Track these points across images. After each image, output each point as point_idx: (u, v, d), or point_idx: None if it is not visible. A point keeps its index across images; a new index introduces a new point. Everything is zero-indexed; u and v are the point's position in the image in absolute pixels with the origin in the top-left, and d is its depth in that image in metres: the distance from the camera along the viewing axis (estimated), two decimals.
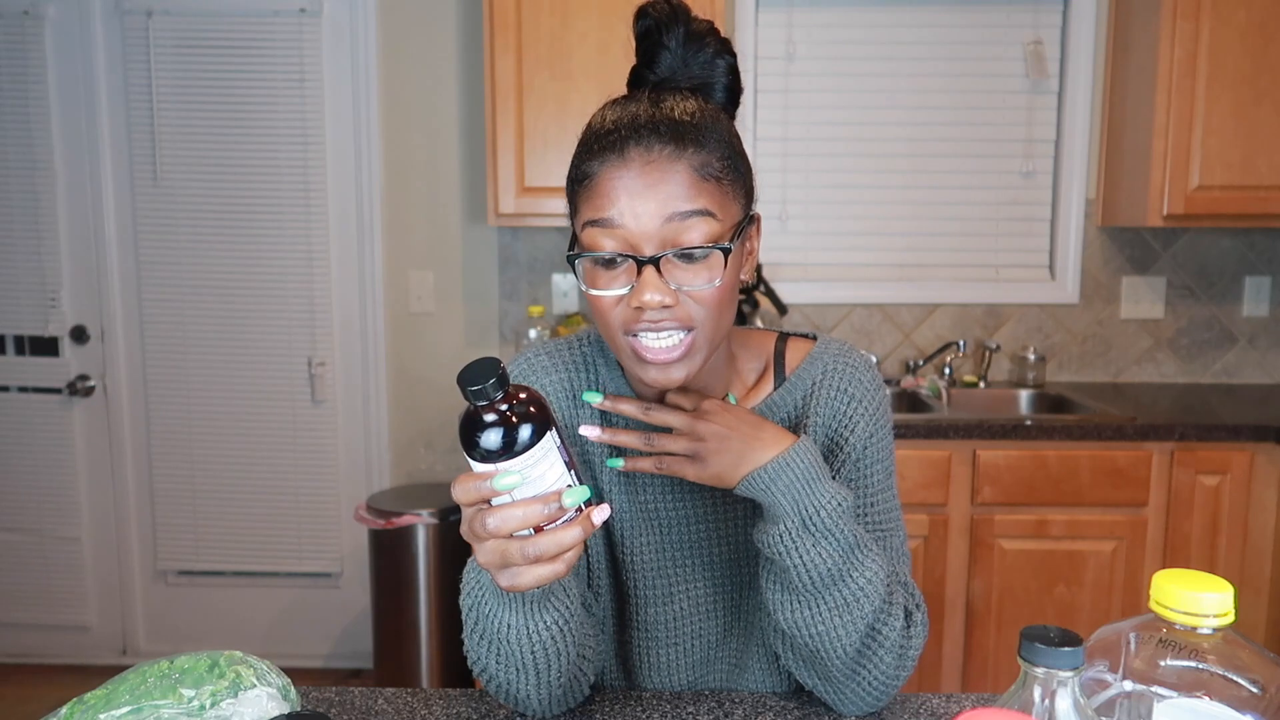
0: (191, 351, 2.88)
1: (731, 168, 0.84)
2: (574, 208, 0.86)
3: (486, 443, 0.67)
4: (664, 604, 0.99)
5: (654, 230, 0.81)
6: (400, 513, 2.50)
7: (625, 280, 0.82)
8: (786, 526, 0.82)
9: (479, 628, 0.83)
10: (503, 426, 0.67)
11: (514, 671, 0.83)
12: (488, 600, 0.81)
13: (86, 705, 0.76)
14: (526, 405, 0.68)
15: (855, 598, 0.84)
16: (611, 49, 2.42)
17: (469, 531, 0.73)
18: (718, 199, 0.83)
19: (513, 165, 2.46)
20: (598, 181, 0.82)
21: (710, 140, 0.83)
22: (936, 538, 2.26)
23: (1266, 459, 2.25)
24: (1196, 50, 2.36)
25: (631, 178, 0.81)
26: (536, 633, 0.81)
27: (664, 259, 0.81)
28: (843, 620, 0.84)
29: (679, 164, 0.81)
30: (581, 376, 0.98)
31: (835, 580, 0.83)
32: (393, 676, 2.61)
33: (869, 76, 2.76)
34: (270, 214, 2.82)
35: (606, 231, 0.82)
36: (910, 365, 2.78)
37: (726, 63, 0.90)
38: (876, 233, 2.83)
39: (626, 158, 0.81)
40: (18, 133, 2.80)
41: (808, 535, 0.82)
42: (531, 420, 0.67)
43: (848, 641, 0.85)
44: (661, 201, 0.80)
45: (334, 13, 2.76)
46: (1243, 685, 0.61)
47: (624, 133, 0.82)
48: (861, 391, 0.96)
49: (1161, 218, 2.44)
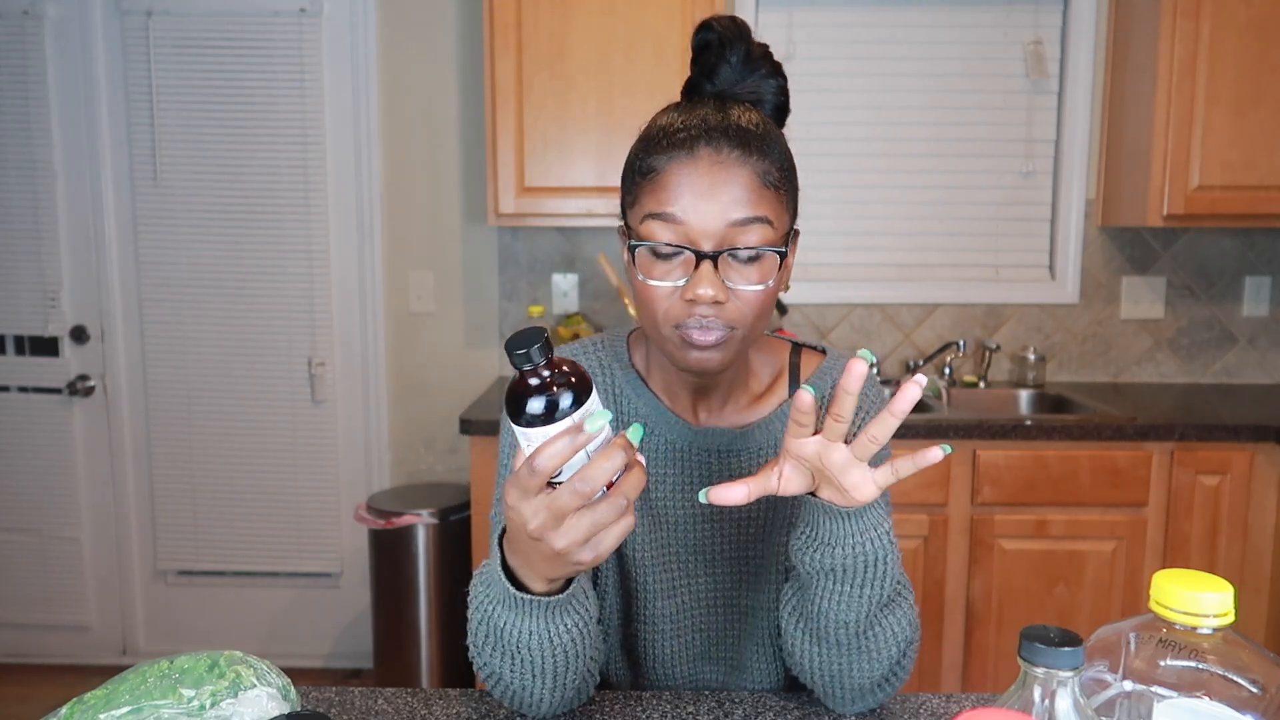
0: (191, 351, 2.88)
1: (787, 179, 0.89)
2: (633, 199, 0.89)
3: (533, 408, 0.69)
4: (668, 597, 1.01)
5: (715, 230, 0.84)
6: (400, 513, 2.50)
7: (681, 273, 0.85)
8: (887, 528, 0.83)
9: (492, 638, 0.83)
10: (546, 392, 0.69)
11: (530, 677, 0.84)
12: (501, 611, 0.81)
13: (86, 705, 0.76)
14: (569, 374, 0.70)
15: (903, 593, 0.89)
16: (611, 49, 2.42)
17: (550, 517, 0.71)
18: (774, 207, 0.86)
19: (513, 165, 2.46)
20: (664, 176, 0.85)
21: (772, 151, 0.87)
22: (936, 538, 2.26)
23: (1266, 459, 2.25)
24: (1196, 50, 2.36)
25: (699, 176, 0.84)
26: (557, 636, 0.81)
27: (722, 256, 0.84)
28: (898, 615, 0.88)
29: (744, 168, 0.84)
30: (597, 381, 1.01)
31: (900, 577, 0.88)
32: (393, 676, 2.61)
33: (869, 77, 2.76)
34: (270, 214, 2.82)
35: (668, 225, 0.85)
36: (910, 365, 2.78)
37: (777, 84, 0.94)
38: (876, 233, 2.83)
39: (696, 156, 0.84)
40: (18, 133, 2.80)
41: (893, 536, 0.85)
42: (573, 388, 0.70)
43: (902, 638, 0.88)
44: (725, 204, 0.84)
45: (334, 13, 2.76)
46: (1243, 685, 0.61)
47: (694, 132, 0.86)
48: (868, 405, 1.01)
49: (1161, 218, 2.44)
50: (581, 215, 2.49)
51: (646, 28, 2.41)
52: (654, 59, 2.42)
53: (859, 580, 0.82)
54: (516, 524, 0.73)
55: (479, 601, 0.84)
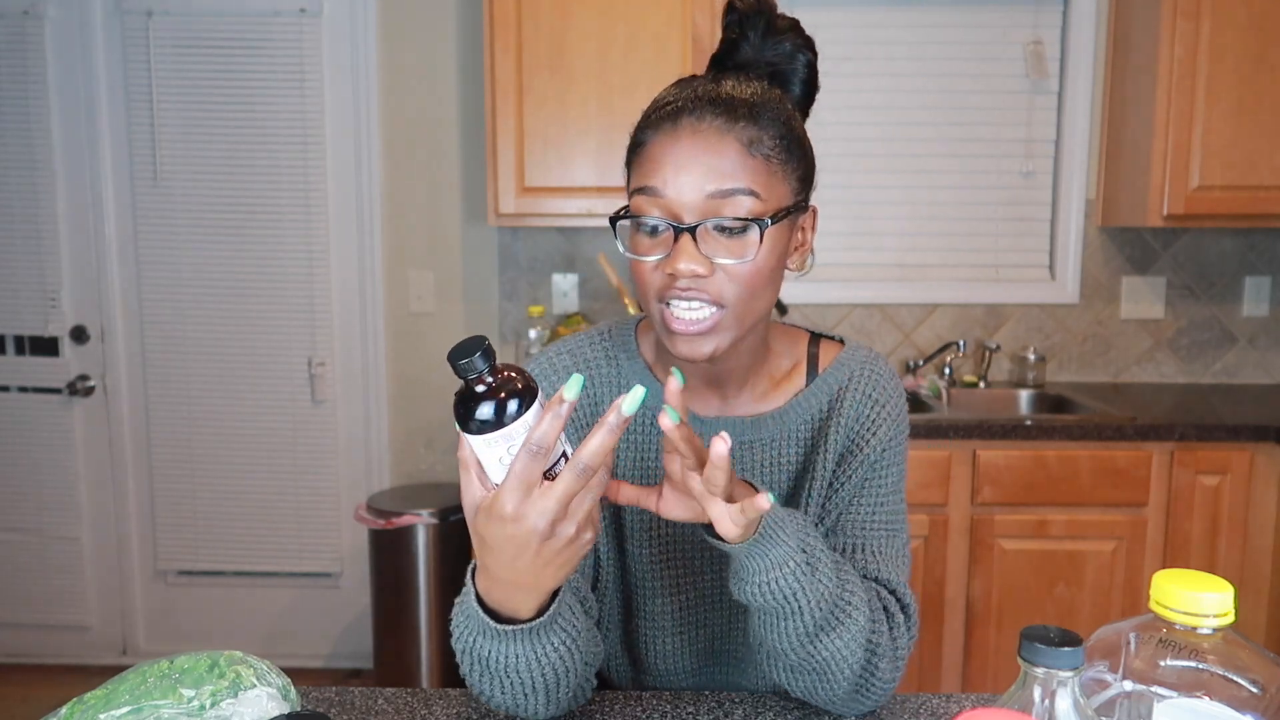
0: (191, 351, 2.88)
1: (784, 149, 0.85)
2: (629, 175, 0.89)
3: (481, 413, 0.69)
4: (671, 594, 1.00)
5: (695, 202, 0.82)
6: (400, 513, 2.50)
7: (664, 248, 0.84)
8: (793, 565, 0.79)
9: (478, 667, 0.81)
10: (493, 398, 0.69)
11: (523, 695, 0.82)
12: (484, 642, 0.78)
13: (86, 705, 0.76)
14: (514, 381, 0.70)
15: (849, 613, 0.83)
16: (611, 49, 2.42)
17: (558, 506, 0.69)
18: (763, 178, 0.83)
19: (513, 165, 2.46)
20: (649, 150, 0.85)
21: (764, 118, 0.84)
22: (936, 538, 2.26)
23: (1266, 459, 2.25)
24: (1196, 50, 2.36)
25: (680, 148, 0.83)
26: (545, 656, 0.79)
27: (701, 229, 0.82)
28: (845, 639, 0.83)
29: (728, 138, 0.82)
30: (603, 372, 0.99)
31: (835, 603, 0.82)
32: (393, 676, 2.61)
33: (869, 76, 2.76)
34: (270, 214, 2.82)
35: (651, 200, 0.84)
36: (910, 365, 2.78)
37: (805, 59, 0.92)
38: (877, 233, 2.83)
39: (678, 128, 0.83)
40: (18, 133, 2.80)
41: (809, 570, 0.80)
42: (519, 394, 0.70)
43: (854, 659, 0.85)
44: (704, 174, 0.82)
45: (334, 13, 2.76)
46: (1243, 685, 0.61)
47: (680, 104, 0.85)
48: (885, 398, 0.99)
49: (1161, 218, 2.44)
50: (581, 215, 2.49)
51: (646, 27, 2.41)
52: (654, 58, 2.42)
53: (777, 615, 0.80)
54: (517, 540, 0.70)
55: (460, 633, 0.81)
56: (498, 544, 0.71)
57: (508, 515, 0.69)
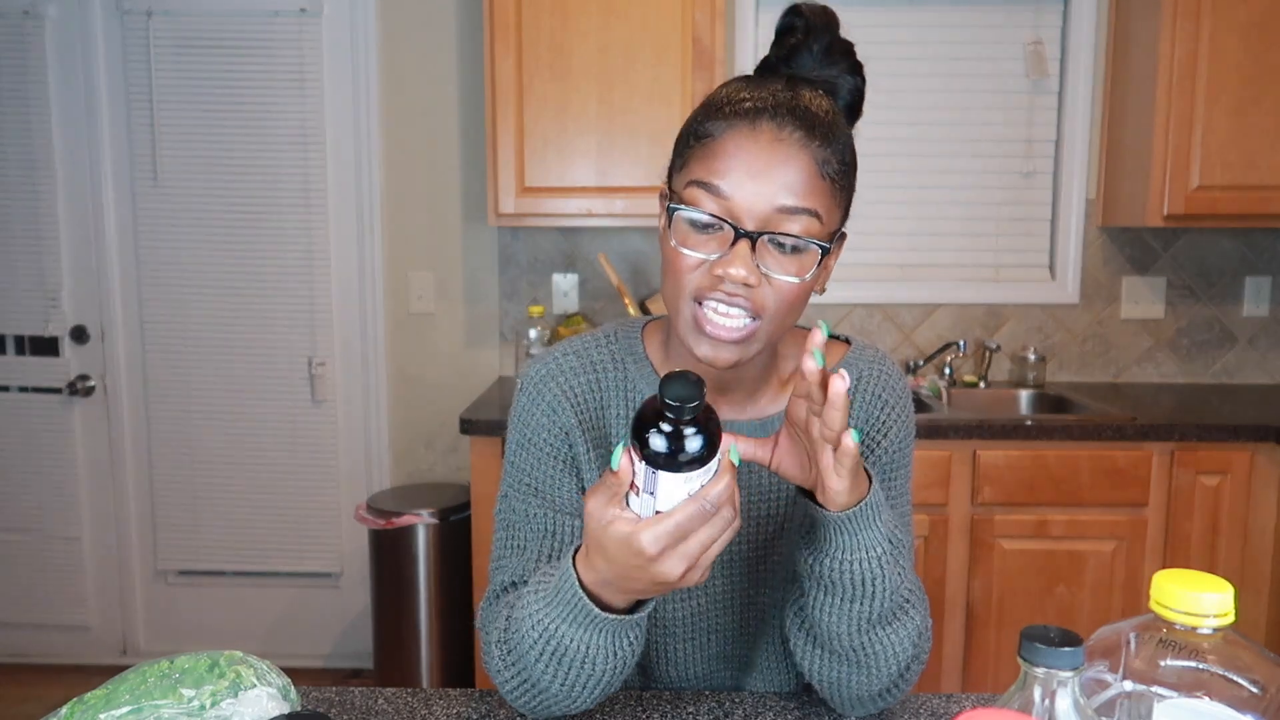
0: (191, 351, 2.88)
1: (845, 175, 0.85)
2: (683, 162, 0.86)
3: (691, 449, 0.69)
4: (683, 600, 0.99)
5: (762, 211, 0.80)
6: (400, 513, 2.50)
7: (716, 247, 0.81)
8: (879, 552, 0.81)
9: (547, 654, 0.80)
10: (704, 436, 0.69)
11: (580, 687, 0.81)
12: (568, 629, 0.78)
13: (86, 705, 0.76)
14: (716, 433, 0.70)
15: (908, 611, 0.86)
16: (611, 49, 2.42)
17: (680, 556, 0.71)
18: (826, 201, 0.82)
19: (513, 165, 2.46)
20: (719, 144, 0.82)
21: (836, 140, 0.83)
22: (936, 538, 2.26)
23: (1266, 459, 2.25)
24: (1196, 50, 2.36)
25: (757, 151, 0.80)
26: (621, 649, 0.79)
27: (762, 239, 0.80)
28: (900, 634, 0.86)
29: (805, 153, 0.81)
30: (609, 376, 0.98)
31: (903, 598, 0.85)
32: (393, 676, 2.61)
33: (869, 76, 2.75)
34: (270, 214, 2.82)
35: (712, 196, 0.81)
36: (910, 365, 2.78)
37: (854, 82, 0.91)
38: (877, 233, 2.83)
39: (757, 129, 0.81)
40: (18, 133, 2.80)
41: (892, 560, 0.82)
42: (713, 444, 0.70)
43: (902, 655, 0.86)
44: (778, 187, 0.80)
45: (334, 13, 2.76)
46: (1243, 685, 0.61)
47: (760, 105, 0.82)
48: (894, 398, 0.98)
49: (1161, 218, 2.44)
50: (581, 215, 2.49)
51: (646, 28, 2.41)
52: (654, 59, 2.42)
53: (847, 596, 0.81)
54: (646, 573, 0.72)
55: (537, 618, 0.80)
56: (621, 568, 0.73)
57: (646, 554, 0.70)
